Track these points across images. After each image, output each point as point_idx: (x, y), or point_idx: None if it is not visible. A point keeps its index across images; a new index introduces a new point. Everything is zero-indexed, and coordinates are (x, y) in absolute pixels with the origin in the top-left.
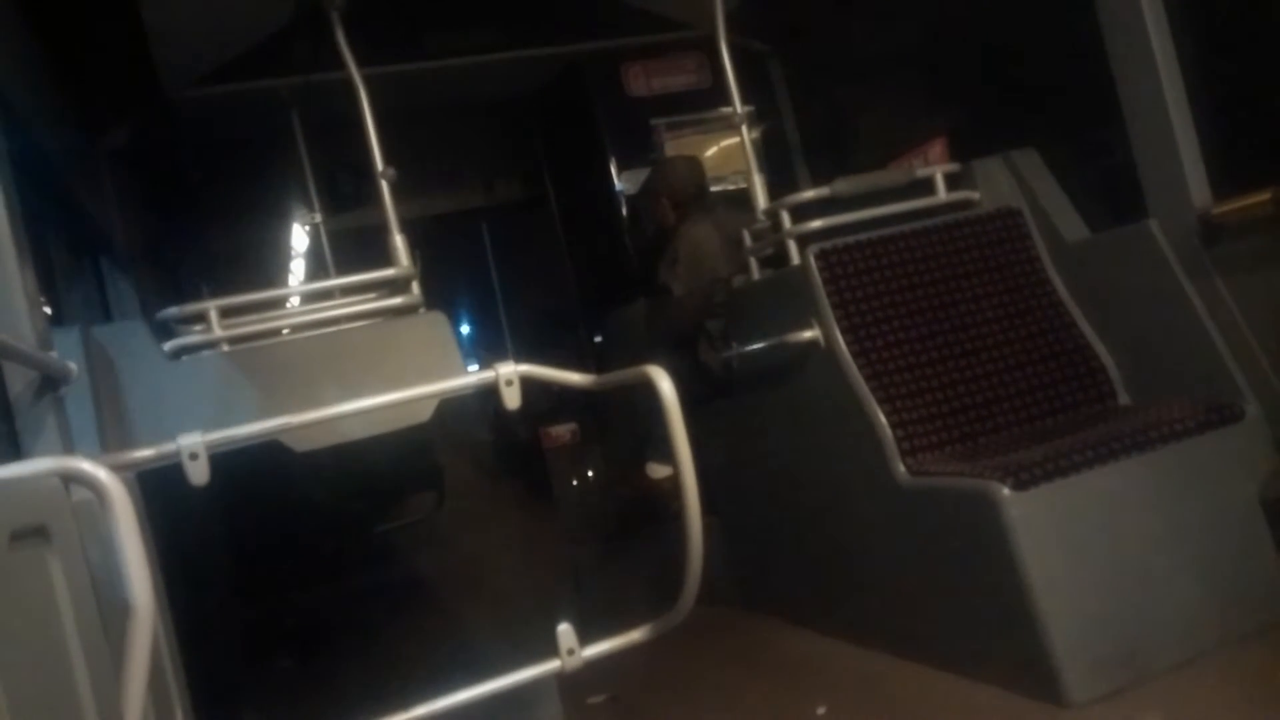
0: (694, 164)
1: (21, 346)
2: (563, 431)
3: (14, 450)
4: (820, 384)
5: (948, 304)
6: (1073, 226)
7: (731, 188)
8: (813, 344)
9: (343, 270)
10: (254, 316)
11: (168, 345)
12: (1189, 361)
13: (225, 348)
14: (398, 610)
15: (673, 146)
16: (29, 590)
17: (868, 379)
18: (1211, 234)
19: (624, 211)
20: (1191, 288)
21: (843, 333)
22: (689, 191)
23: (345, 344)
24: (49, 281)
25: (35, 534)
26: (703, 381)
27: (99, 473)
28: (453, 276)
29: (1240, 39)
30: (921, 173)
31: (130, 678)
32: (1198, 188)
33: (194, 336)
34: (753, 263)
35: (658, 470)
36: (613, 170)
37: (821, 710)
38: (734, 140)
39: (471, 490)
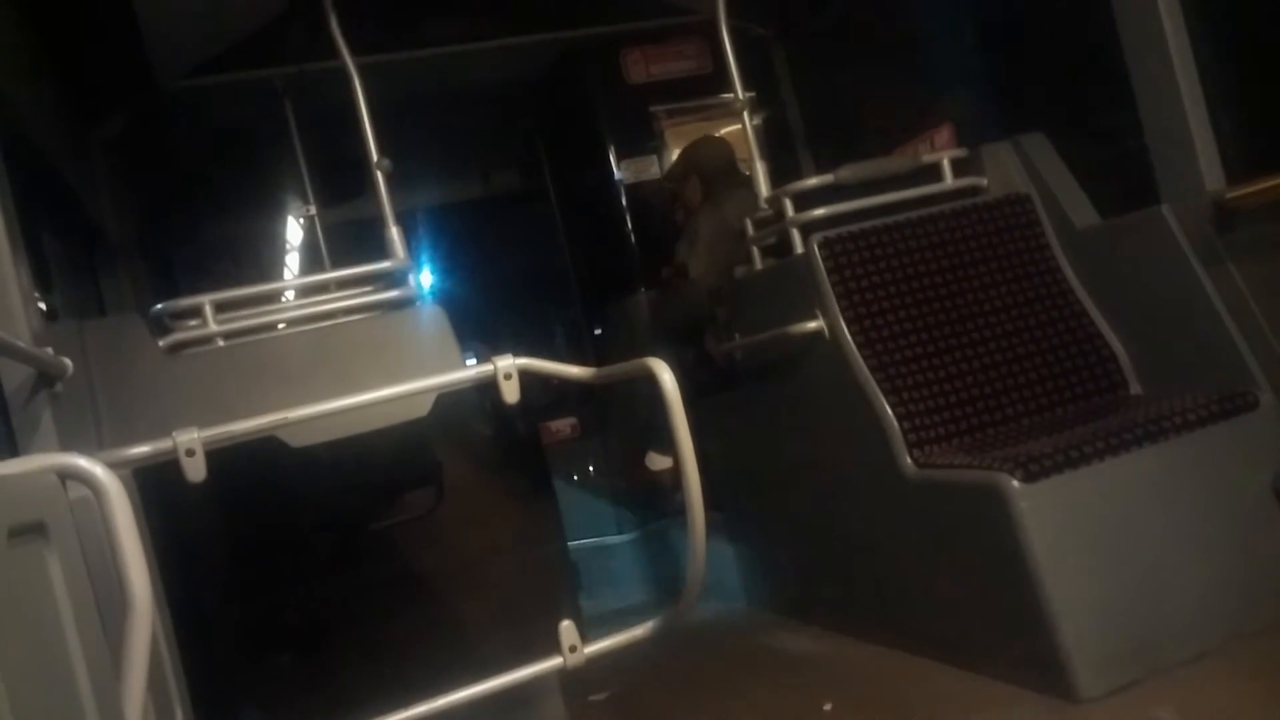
0: (721, 143)
1: (17, 342)
2: (563, 426)
3: (10, 447)
4: (824, 376)
5: (955, 293)
6: (1083, 212)
7: None
8: (817, 335)
9: (338, 263)
10: (249, 311)
11: (163, 341)
12: (1202, 350)
13: (221, 342)
14: (398, 607)
15: (673, 134)
16: (28, 587)
17: (873, 370)
18: (1225, 219)
19: (624, 200)
20: (1204, 274)
21: (847, 323)
22: (719, 167)
23: (342, 338)
24: (43, 276)
25: (33, 531)
26: (706, 373)
27: (96, 470)
28: (449, 268)
29: (1254, 19)
30: (928, 159)
31: (130, 673)
32: (1211, 172)
33: (189, 331)
34: (755, 252)
35: (658, 461)
36: (612, 159)
37: (828, 707)
38: (736, 127)
39: (470, 486)
